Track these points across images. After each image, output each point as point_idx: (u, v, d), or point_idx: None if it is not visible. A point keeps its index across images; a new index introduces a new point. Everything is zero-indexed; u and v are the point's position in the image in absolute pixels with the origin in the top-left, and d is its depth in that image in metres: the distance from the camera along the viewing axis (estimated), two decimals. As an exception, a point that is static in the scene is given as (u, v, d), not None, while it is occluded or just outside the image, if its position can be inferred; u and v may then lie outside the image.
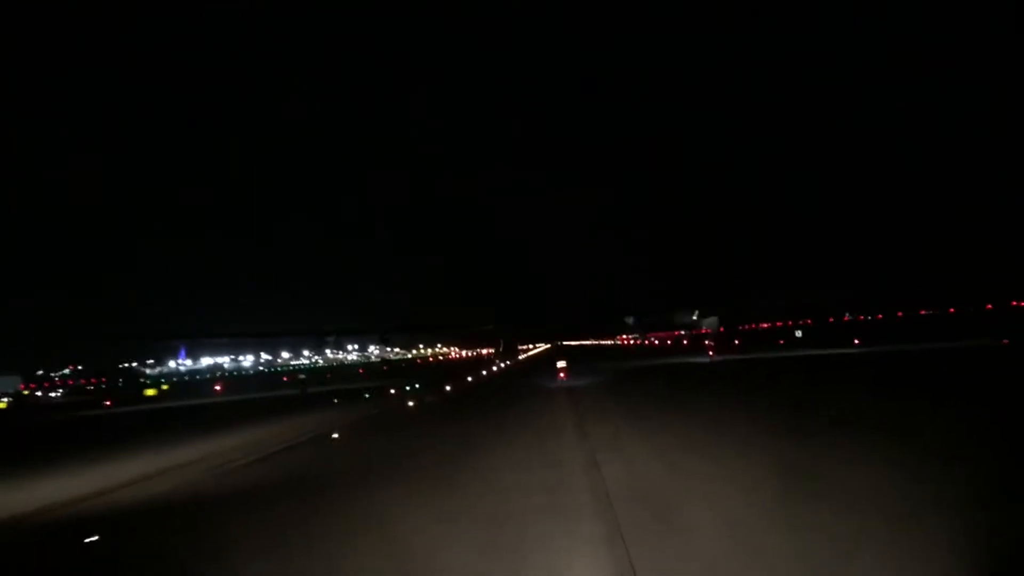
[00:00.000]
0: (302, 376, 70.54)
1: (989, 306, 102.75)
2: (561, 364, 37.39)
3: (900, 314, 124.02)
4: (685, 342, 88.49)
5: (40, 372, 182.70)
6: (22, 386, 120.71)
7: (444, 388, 36.69)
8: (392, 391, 36.16)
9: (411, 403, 27.98)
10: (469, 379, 45.35)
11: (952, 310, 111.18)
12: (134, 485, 13.41)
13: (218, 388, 64.61)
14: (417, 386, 39.76)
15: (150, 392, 72.55)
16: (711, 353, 47.19)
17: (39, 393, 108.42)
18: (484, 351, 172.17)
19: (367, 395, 35.90)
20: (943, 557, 5.87)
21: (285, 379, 79.49)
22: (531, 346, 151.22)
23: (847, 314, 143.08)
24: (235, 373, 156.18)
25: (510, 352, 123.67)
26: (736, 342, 70.32)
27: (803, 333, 79.97)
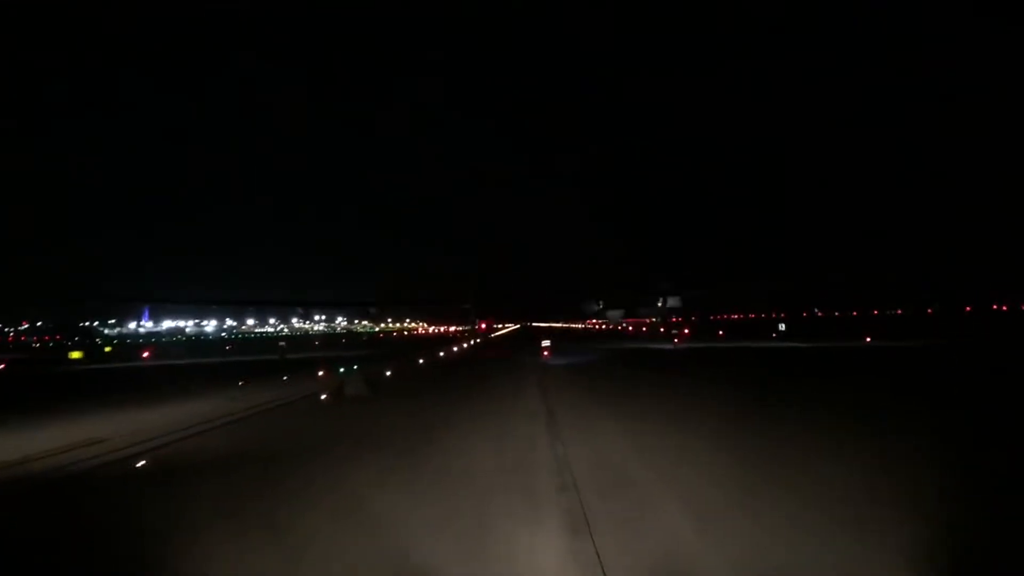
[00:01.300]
0: (282, 344, 69.76)
1: (969, 308, 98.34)
2: (545, 343, 38.92)
3: (875, 312, 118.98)
4: (662, 329, 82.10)
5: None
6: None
7: (384, 372, 28.63)
8: (321, 373, 27.89)
9: (324, 396, 19.84)
10: (420, 362, 37.19)
11: (929, 311, 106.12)
12: None
13: (145, 355, 56.07)
14: (356, 367, 31.69)
15: (75, 355, 63.11)
16: (676, 341, 49.98)
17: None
18: (452, 328, 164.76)
19: (285, 378, 27.50)
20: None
21: (228, 348, 70.59)
22: (500, 326, 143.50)
23: (816, 309, 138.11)
24: (192, 338, 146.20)
25: (485, 331, 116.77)
26: (720, 333, 63.73)
27: (785, 327, 73.20)
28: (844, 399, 16.37)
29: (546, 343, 39.29)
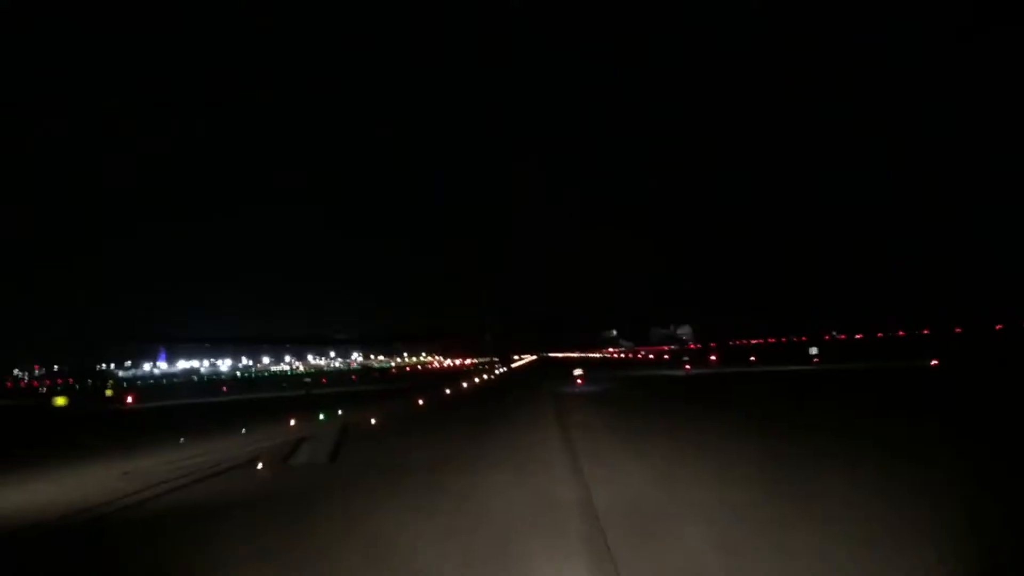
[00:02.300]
0: (307, 380, 72.00)
1: (1000, 326, 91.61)
2: (578, 372, 39.48)
3: (901, 333, 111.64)
4: (686, 356, 75.65)
5: (16, 372, 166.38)
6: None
7: (370, 419, 22.58)
8: (292, 422, 21.92)
9: (260, 466, 13.82)
10: (420, 403, 31.10)
11: (959, 329, 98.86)
12: None
13: (129, 400, 50.73)
14: (340, 412, 25.75)
15: (60, 401, 57.64)
16: (687, 368, 48.96)
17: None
18: (468, 360, 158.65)
19: (244, 430, 21.36)
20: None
21: (224, 388, 64.92)
22: (516, 357, 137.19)
23: (835, 332, 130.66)
24: (203, 378, 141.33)
25: (502, 362, 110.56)
26: (752, 358, 57.32)
27: (817, 350, 66.24)
28: None
29: (578, 371, 39.84)
